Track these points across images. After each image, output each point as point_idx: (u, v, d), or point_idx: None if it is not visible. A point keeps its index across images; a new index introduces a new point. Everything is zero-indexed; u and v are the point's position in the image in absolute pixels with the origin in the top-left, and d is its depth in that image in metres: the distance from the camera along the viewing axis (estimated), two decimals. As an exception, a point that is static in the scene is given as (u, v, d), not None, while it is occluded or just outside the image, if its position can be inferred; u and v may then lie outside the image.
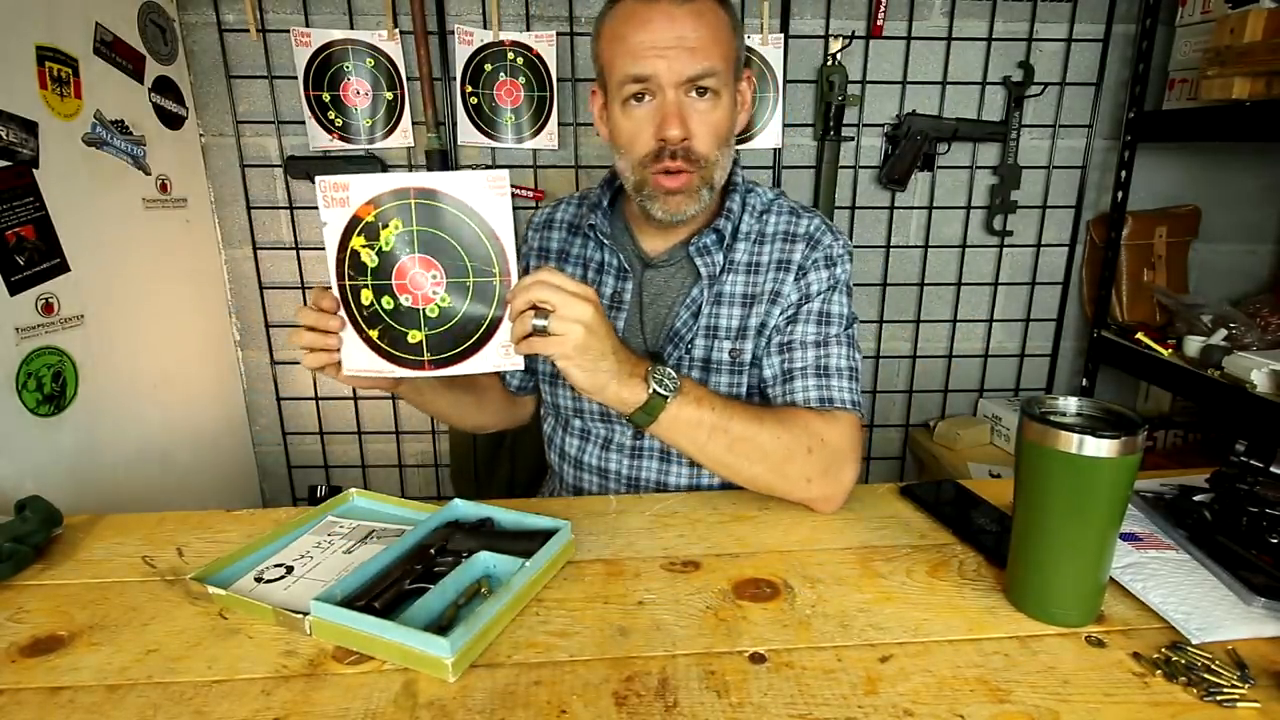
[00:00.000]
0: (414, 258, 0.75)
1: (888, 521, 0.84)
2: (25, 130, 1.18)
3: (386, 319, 0.77)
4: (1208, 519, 0.78)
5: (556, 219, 1.08)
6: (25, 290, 1.17)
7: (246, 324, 1.82)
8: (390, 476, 1.94)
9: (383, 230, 0.74)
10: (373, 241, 0.75)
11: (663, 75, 0.84)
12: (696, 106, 0.87)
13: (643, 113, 0.88)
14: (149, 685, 0.59)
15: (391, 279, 0.76)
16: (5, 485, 1.11)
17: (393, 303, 0.77)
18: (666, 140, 0.86)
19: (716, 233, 0.97)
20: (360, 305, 0.77)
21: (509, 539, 0.75)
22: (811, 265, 0.96)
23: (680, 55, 0.84)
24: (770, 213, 1.00)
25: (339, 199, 0.74)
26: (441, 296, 0.76)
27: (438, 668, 0.59)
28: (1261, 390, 1.36)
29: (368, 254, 0.75)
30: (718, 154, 0.90)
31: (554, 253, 1.06)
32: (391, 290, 0.76)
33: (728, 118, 0.90)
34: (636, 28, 0.85)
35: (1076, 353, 1.98)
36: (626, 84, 0.86)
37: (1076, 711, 0.55)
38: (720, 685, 0.58)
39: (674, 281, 0.99)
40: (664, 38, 0.84)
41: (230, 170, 1.72)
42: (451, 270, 0.75)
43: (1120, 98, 1.77)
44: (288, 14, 1.63)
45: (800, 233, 0.98)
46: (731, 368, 0.97)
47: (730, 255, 0.98)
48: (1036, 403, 0.66)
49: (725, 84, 0.88)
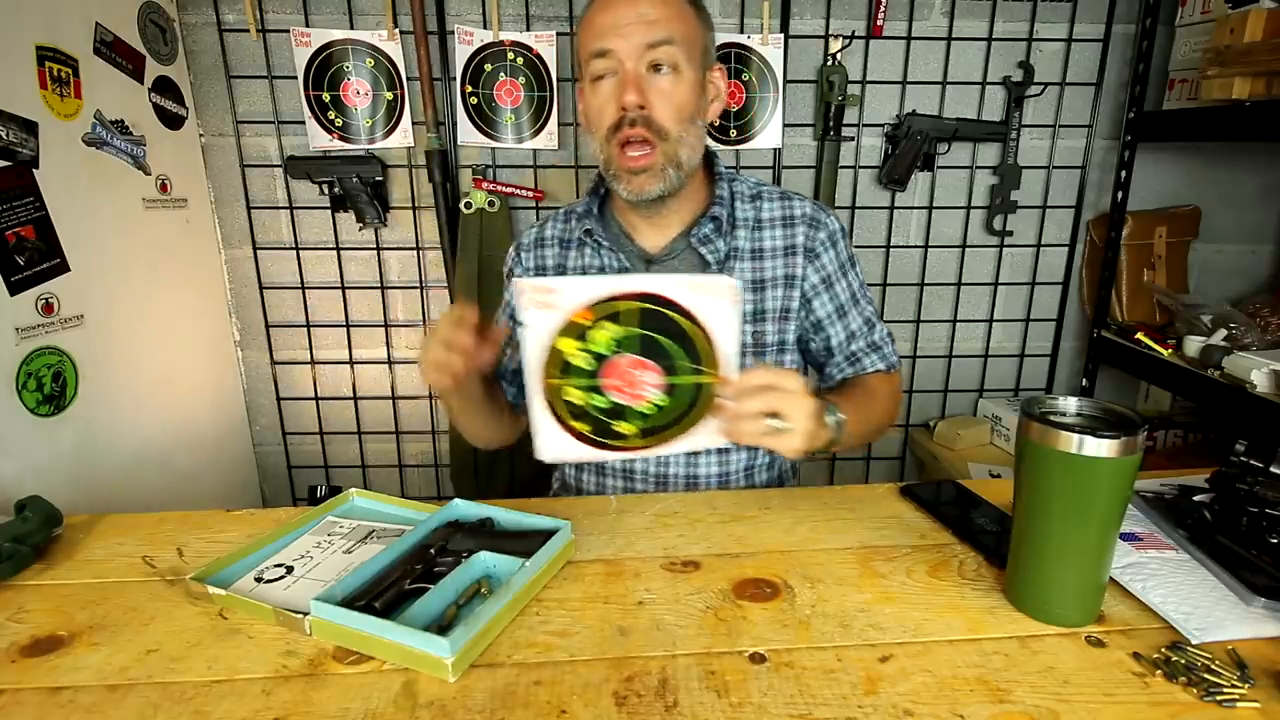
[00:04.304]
0: (629, 358, 0.73)
1: (888, 521, 0.84)
2: (25, 130, 1.18)
3: (598, 415, 0.76)
4: (1208, 519, 0.78)
5: (546, 236, 1.08)
6: (25, 290, 1.17)
7: (246, 324, 1.82)
8: (390, 476, 1.94)
9: (597, 332, 0.71)
10: (585, 344, 0.72)
11: (621, 49, 0.89)
12: (656, 81, 0.90)
13: (606, 87, 0.91)
14: (149, 685, 0.59)
15: (605, 379, 0.74)
16: (5, 485, 1.11)
17: (604, 402, 0.75)
18: (625, 107, 0.89)
19: (714, 220, 1.00)
20: (567, 403, 0.75)
21: (509, 539, 0.75)
22: (820, 246, 1.02)
23: (638, 28, 0.88)
24: (761, 199, 1.03)
25: (544, 302, 0.70)
26: (659, 397, 0.75)
27: (438, 668, 0.59)
28: (1261, 390, 1.36)
29: (579, 356, 0.73)
30: (680, 130, 0.92)
31: (550, 269, 1.06)
32: (601, 390, 0.74)
33: (690, 96, 0.92)
34: (601, 12, 0.91)
35: (1076, 353, 1.98)
36: (590, 61, 0.91)
37: (1076, 711, 0.55)
38: (720, 685, 0.58)
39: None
40: (624, 16, 0.88)
41: (230, 170, 1.71)
42: (668, 370, 0.74)
43: (1120, 98, 1.76)
44: (288, 14, 1.63)
45: (797, 215, 1.02)
46: (754, 350, 1.01)
47: (732, 242, 1.00)
48: (1036, 403, 0.66)
49: (686, 60, 0.91)
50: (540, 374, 0.73)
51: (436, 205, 1.69)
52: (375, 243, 1.77)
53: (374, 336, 1.84)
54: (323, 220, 1.76)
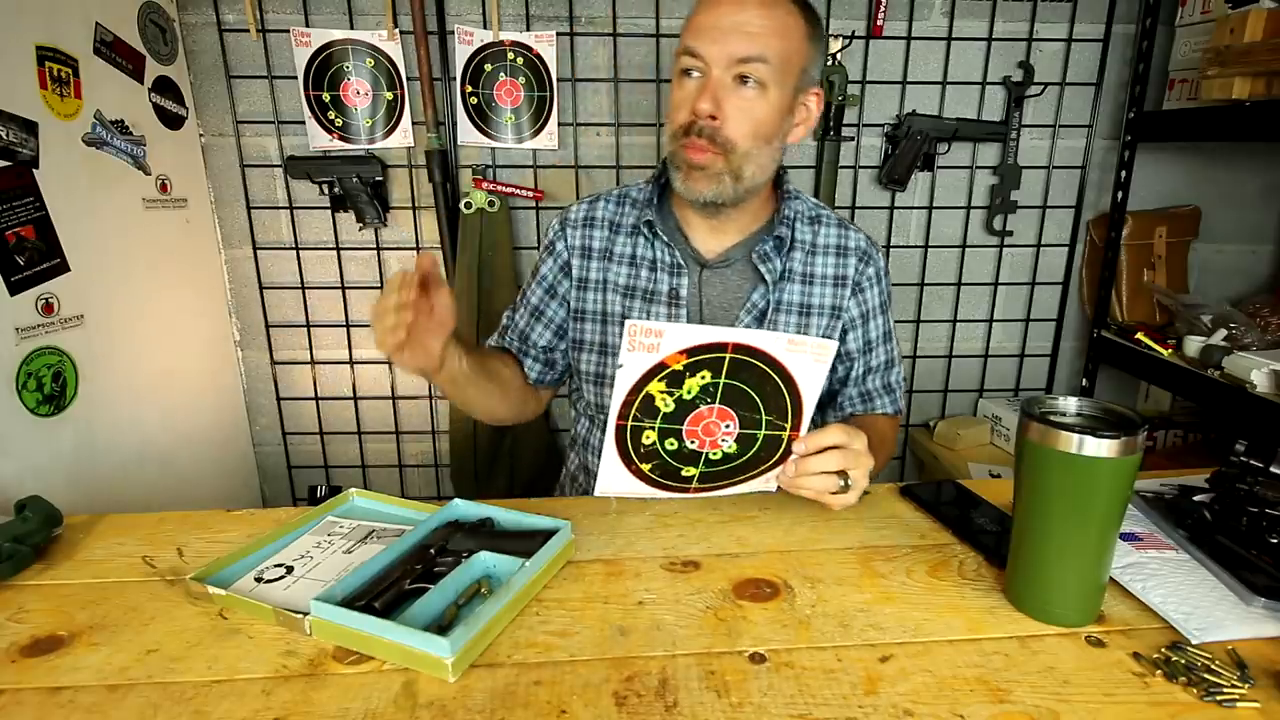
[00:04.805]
0: (712, 408, 0.73)
1: (888, 521, 0.84)
2: (25, 130, 1.18)
3: (665, 457, 0.75)
4: (1208, 519, 0.78)
5: (597, 217, 1.05)
6: (25, 290, 1.17)
7: (246, 324, 1.82)
8: (390, 476, 1.94)
9: (688, 379, 0.71)
10: (674, 389, 0.71)
11: (711, 55, 0.87)
12: (739, 92, 0.88)
13: (690, 86, 0.90)
14: (149, 685, 0.59)
15: (684, 424, 0.73)
16: (5, 485, 1.11)
17: (676, 445, 0.74)
18: (696, 113, 0.88)
19: (778, 239, 0.99)
20: (638, 443, 0.74)
21: (509, 539, 0.75)
22: (866, 281, 1.03)
23: (735, 38, 0.86)
24: (820, 223, 1.03)
25: (648, 344, 0.69)
26: (730, 445, 0.75)
27: (438, 668, 0.59)
28: (1261, 390, 1.36)
29: (664, 400, 0.72)
30: (751, 146, 0.90)
31: (596, 251, 1.04)
32: (680, 435, 0.74)
33: (771, 115, 0.90)
34: (706, 10, 0.89)
35: (1076, 353, 1.98)
36: (682, 56, 0.89)
37: (1076, 711, 0.55)
38: (720, 685, 0.58)
39: (731, 284, 1.01)
40: (726, 21, 0.86)
41: (230, 170, 1.71)
42: (745, 421, 0.74)
43: (1120, 98, 1.77)
44: (288, 14, 1.63)
45: (851, 247, 1.03)
46: None
47: (788, 263, 1.00)
48: (1036, 403, 0.66)
49: (776, 80, 0.89)
50: (622, 412, 0.72)
51: (436, 205, 1.69)
52: (375, 243, 1.77)
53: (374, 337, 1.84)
54: (323, 220, 1.76)
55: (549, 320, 1.07)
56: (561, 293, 1.06)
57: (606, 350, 1.04)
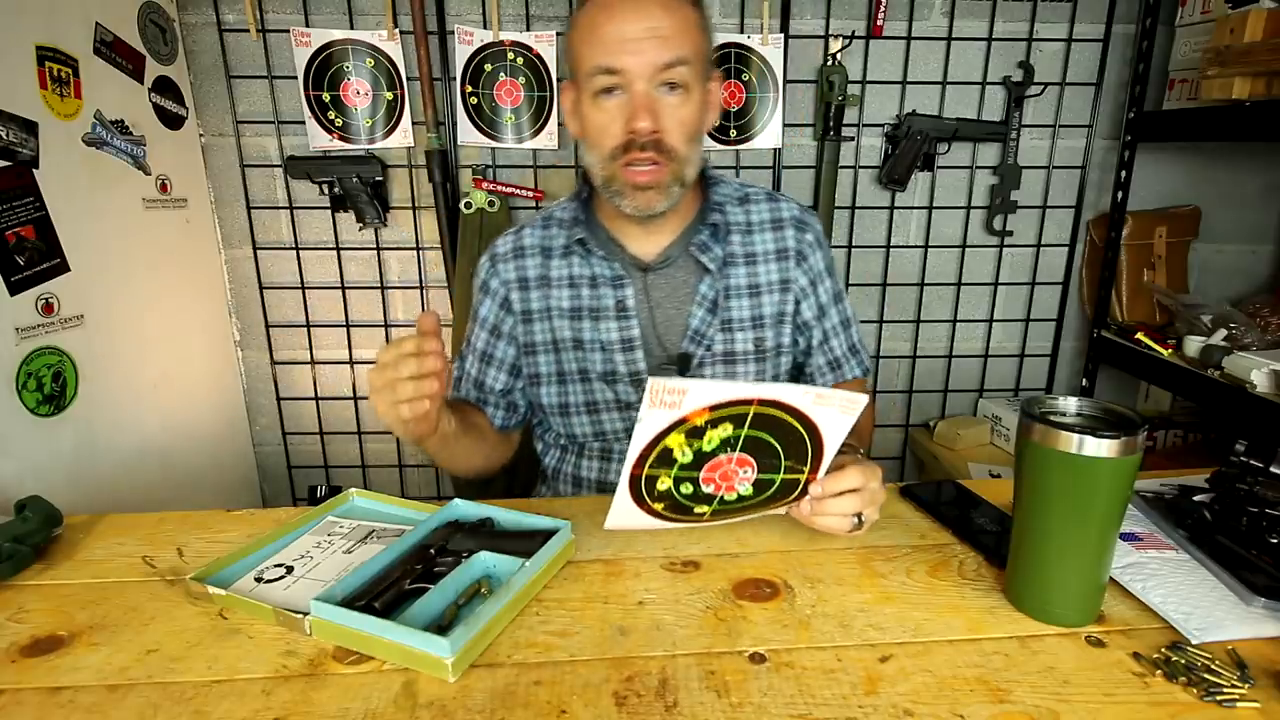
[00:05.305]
0: (732, 456, 0.71)
1: (888, 521, 0.84)
2: (25, 130, 1.18)
3: (678, 498, 0.74)
4: (1208, 519, 0.78)
5: (526, 245, 1.03)
6: (25, 290, 1.17)
7: (246, 324, 1.82)
8: (390, 476, 1.94)
9: (709, 431, 0.69)
10: (694, 440, 0.69)
11: (634, 68, 0.85)
12: (667, 100, 0.87)
13: (613, 105, 0.87)
14: (149, 685, 0.59)
15: (701, 471, 0.72)
16: (5, 485, 1.11)
17: (692, 489, 0.73)
18: (636, 133, 0.86)
19: (712, 227, 0.99)
20: (653, 489, 0.73)
21: (509, 539, 0.75)
22: (807, 248, 1.03)
23: (651, 45, 0.84)
24: (750, 201, 1.03)
25: (670, 401, 0.67)
26: (746, 488, 0.74)
27: (438, 668, 0.59)
28: (1261, 390, 1.36)
29: (683, 450, 0.70)
30: (689, 151, 0.90)
31: (533, 280, 1.01)
32: (697, 481, 0.73)
33: (697, 114, 0.90)
34: (607, 19, 0.85)
35: (1076, 353, 1.98)
36: (597, 75, 0.86)
37: (1076, 711, 0.55)
38: (720, 685, 0.58)
39: (677, 281, 1.00)
40: (635, 29, 0.84)
41: (230, 170, 1.72)
42: (765, 467, 0.73)
43: (1120, 98, 1.77)
44: (288, 14, 1.63)
45: (785, 217, 1.03)
46: (755, 356, 1.01)
47: (728, 248, 1.00)
48: (1036, 403, 0.66)
49: (695, 79, 0.88)
50: (638, 463, 0.70)
51: (436, 205, 1.69)
52: (375, 243, 1.77)
53: (374, 336, 1.84)
54: (323, 220, 1.76)
55: (500, 362, 1.04)
56: (507, 330, 1.03)
57: (566, 379, 1.01)
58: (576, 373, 1.00)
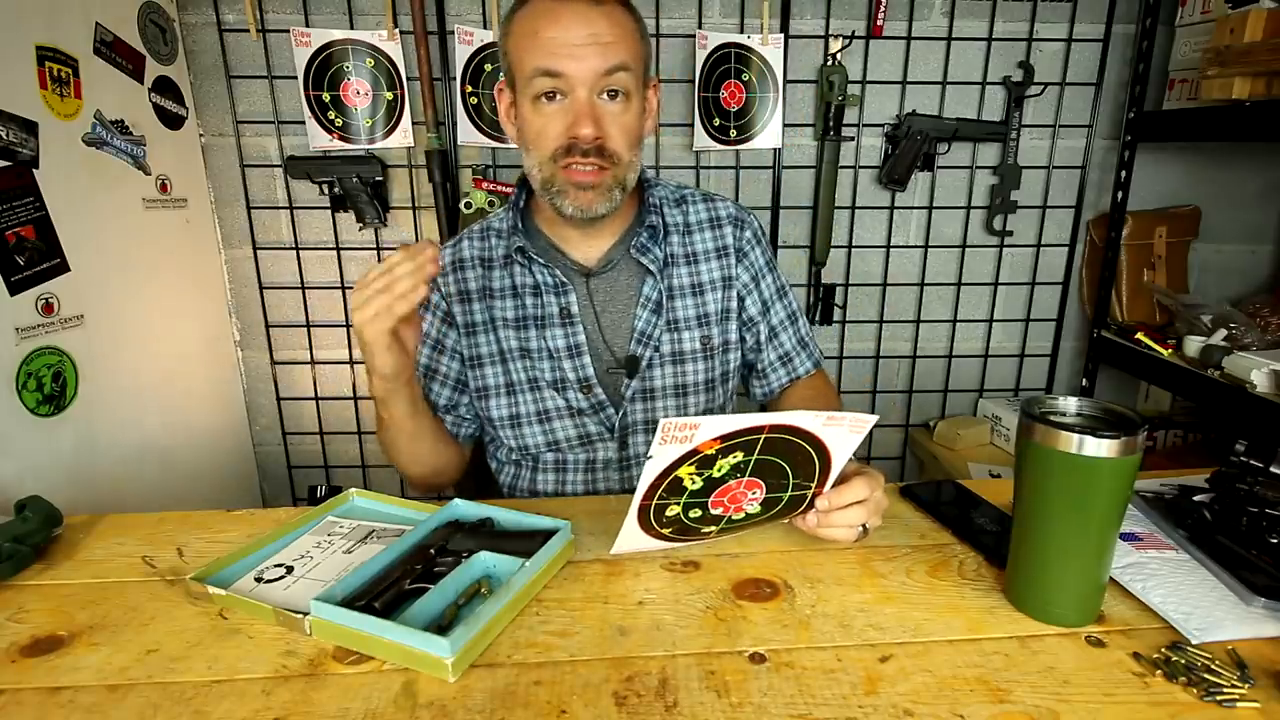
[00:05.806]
0: (741, 480, 0.71)
1: (888, 521, 0.84)
2: (25, 130, 1.18)
3: (686, 522, 0.74)
4: (1208, 519, 0.78)
5: (465, 257, 1.02)
6: (25, 290, 1.17)
7: (246, 324, 1.82)
8: (390, 476, 1.94)
9: (720, 459, 0.69)
10: (704, 470, 0.69)
11: (576, 74, 0.85)
12: (609, 108, 0.88)
13: (554, 109, 0.87)
14: (149, 685, 0.59)
15: (710, 497, 0.72)
16: (5, 485, 1.11)
17: (700, 513, 0.73)
18: (579, 139, 0.86)
19: (650, 229, 1.00)
20: (661, 516, 0.73)
21: (509, 539, 0.75)
22: (747, 245, 1.05)
23: (593, 52, 0.84)
24: (686, 202, 1.05)
25: (681, 437, 0.66)
26: (754, 508, 0.74)
27: (438, 668, 0.59)
28: (1261, 390, 1.36)
29: (693, 479, 0.70)
30: (631, 156, 0.91)
31: (474, 292, 1.00)
32: (705, 506, 0.72)
33: (637, 121, 0.91)
34: (549, 24, 0.84)
35: (1076, 353, 1.98)
36: (538, 78, 0.86)
37: (1076, 711, 0.55)
38: (720, 685, 0.58)
39: (620, 284, 1.00)
40: (577, 35, 0.84)
41: (230, 170, 1.72)
42: (773, 486, 0.73)
43: (1120, 98, 1.77)
44: (288, 14, 1.63)
45: (722, 216, 1.04)
46: (703, 354, 1.01)
47: (668, 248, 1.01)
48: (1036, 403, 0.66)
49: (635, 86, 0.89)
50: (648, 494, 0.70)
51: (436, 205, 1.69)
52: (375, 243, 1.78)
53: (374, 336, 1.83)
54: (323, 220, 1.76)
55: (444, 377, 1.03)
56: (450, 345, 1.02)
57: (515, 389, 1.00)
58: (525, 382, 1.00)
